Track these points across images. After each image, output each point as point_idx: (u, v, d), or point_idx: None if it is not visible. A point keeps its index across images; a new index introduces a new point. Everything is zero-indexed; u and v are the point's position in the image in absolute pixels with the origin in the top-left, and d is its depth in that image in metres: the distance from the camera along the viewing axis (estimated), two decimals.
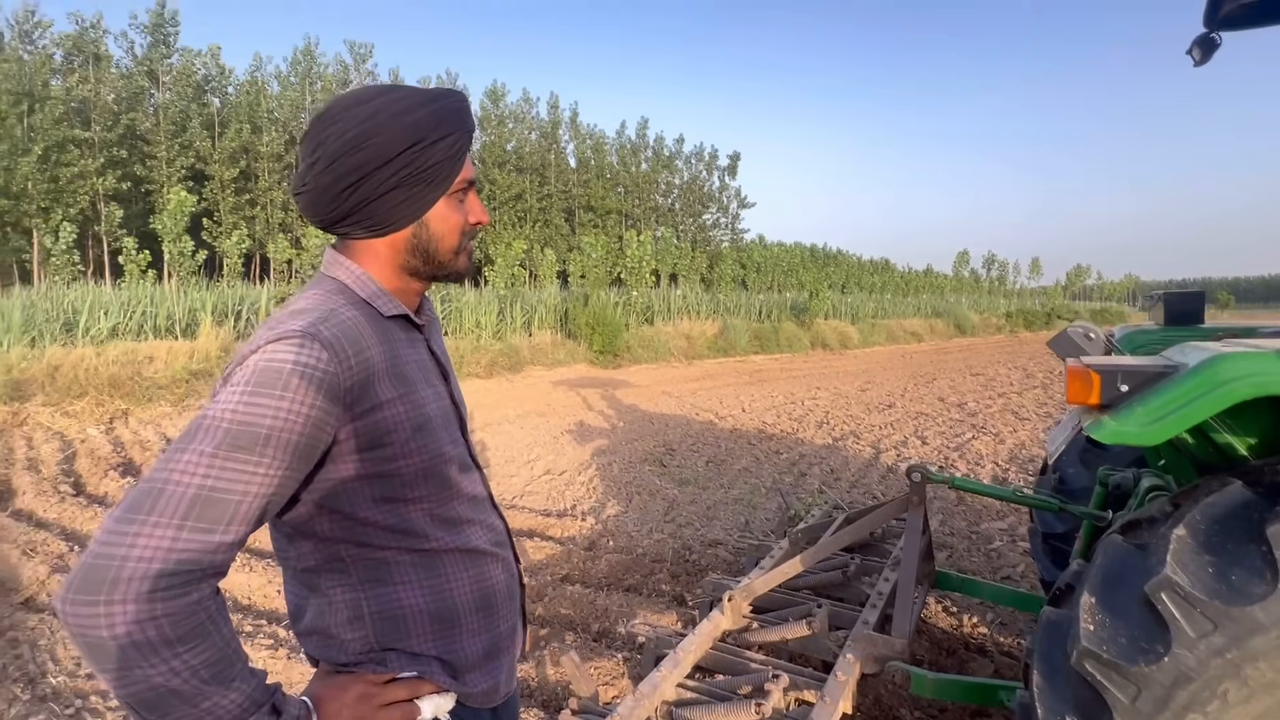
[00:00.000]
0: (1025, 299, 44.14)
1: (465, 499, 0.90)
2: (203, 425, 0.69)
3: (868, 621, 2.09)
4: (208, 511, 0.66)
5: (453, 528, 0.87)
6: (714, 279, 24.24)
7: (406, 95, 0.84)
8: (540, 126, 25.22)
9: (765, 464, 5.98)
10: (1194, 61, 2.12)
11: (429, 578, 0.85)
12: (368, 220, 0.84)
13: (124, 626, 0.61)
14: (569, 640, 2.83)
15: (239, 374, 0.72)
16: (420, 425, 0.82)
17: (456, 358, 12.15)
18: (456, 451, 0.89)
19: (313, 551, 0.82)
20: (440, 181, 0.85)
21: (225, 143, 17.96)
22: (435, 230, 0.87)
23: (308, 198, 0.84)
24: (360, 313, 0.82)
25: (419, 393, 0.84)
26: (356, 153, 0.80)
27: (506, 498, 5.07)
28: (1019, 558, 3.71)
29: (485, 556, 0.91)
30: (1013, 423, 7.74)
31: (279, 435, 0.69)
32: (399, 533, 0.83)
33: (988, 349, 21.80)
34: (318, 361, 0.73)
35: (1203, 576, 1.07)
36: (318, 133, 0.82)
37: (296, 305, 0.80)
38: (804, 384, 11.83)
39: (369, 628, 0.83)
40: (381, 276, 0.87)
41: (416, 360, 0.88)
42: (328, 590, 0.83)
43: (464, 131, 0.87)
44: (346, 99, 0.83)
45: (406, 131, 0.81)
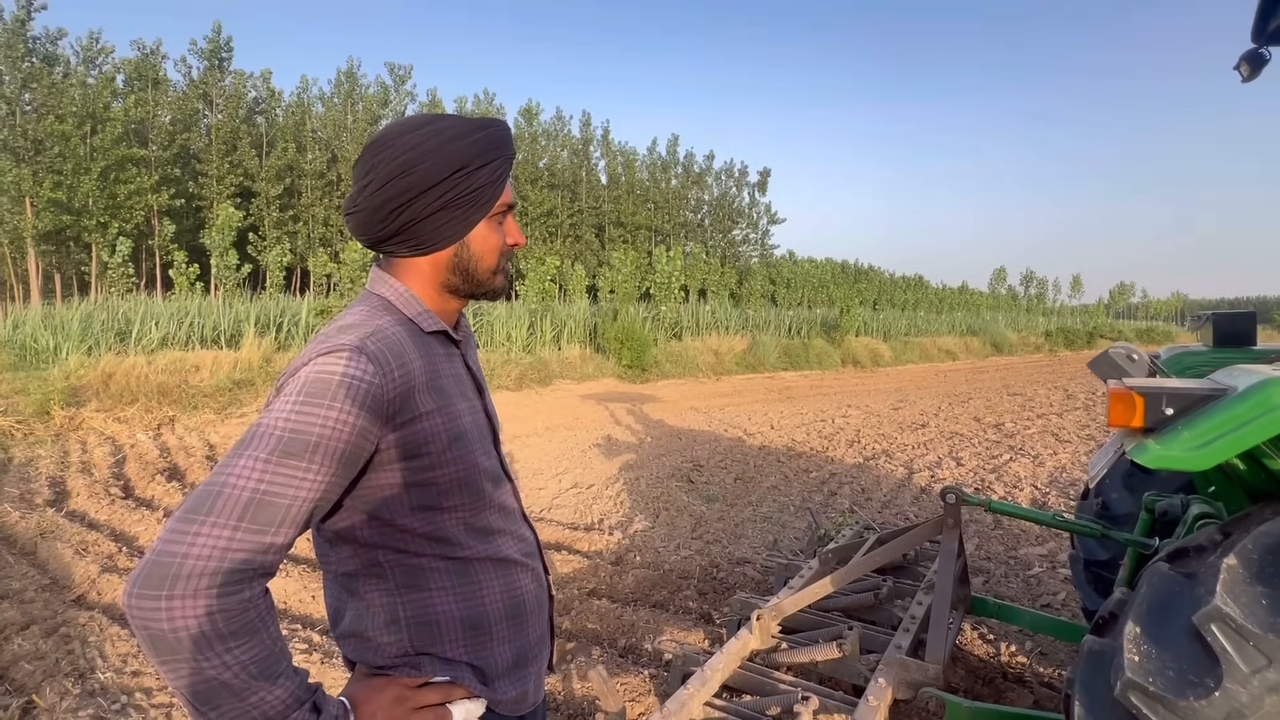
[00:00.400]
0: (1066, 317, 42.85)
1: (497, 509, 0.93)
2: (258, 432, 0.73)
3: (900, 646, 2.05)
4: (261, 514, 0.69)
5: (485, 537, 0.90)
6: (743, 295, 24.17)
7: (453, 124, 0.89)
8: (572, 144, 25.65)
9: (794, 482, 5.90)
10: (1242, 77, 2.07)
11: (462, 585, 0.88)
12: (413, 240, 0.89)
13: (183, 620, 0.65)
14: (596, 655, 2.83)
15: (291, 385, 0.77)
16: (456, 437, 0.86)
17: (487, 370, 12.34)
18: (489, 463, 0.92)
19: (352, 556, 0.86)
20: (482, 205, 0.90)
21: (272, 161, 18.72)
22: (475, 250, 0.92)
23: (358, 218, 0.89)
24: (403, 329, 0.86)
25: (455, 406, 0.88)
26: (405, 177, 0.85)
27: (534, 510, 5.11)
28: (1060, 585, 3.58)
29: (516, 566, 0.94)
30: (1053, 445, 7.49)
31: (327, 443, 0.73)
32: (434, 540, 0.86)
33: (1026, 368, 21.19)
34: (364, 374, 0.77)
35: (1256, 609, 1.03)
36: (370, 158, 0.87)
37: (344, 320, 0.85)
38: (834, 402, 11.66)
39: (405, 632, 0.86)
40: (423, 294, 0.92)
41: (453, 374, 0.92)
42: (366, 594, 0.87)
43: (505, 158, 0.92)
44: (397, 127, 0.89)
45: (452, 158, 0.86)
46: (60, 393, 8.01)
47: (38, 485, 5.46)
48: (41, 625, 3.09)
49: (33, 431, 7.19)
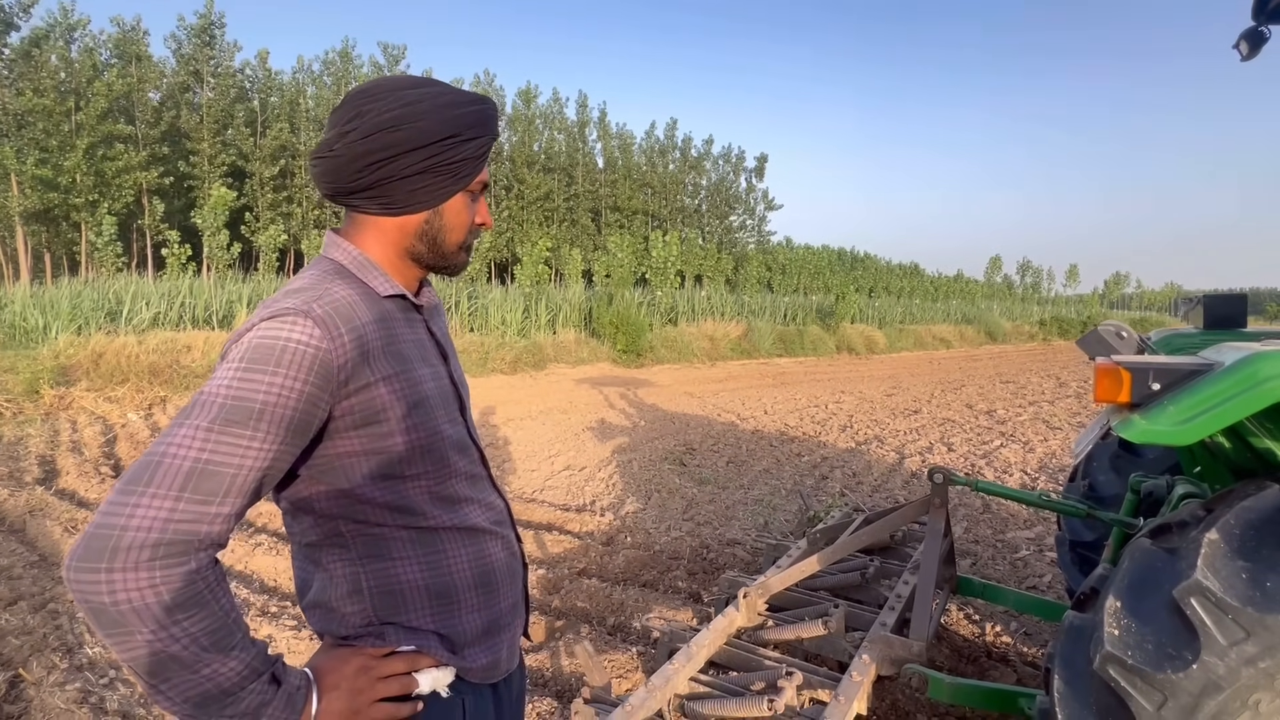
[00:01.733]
0: (1060, 307, 42.96)
1: (464, 478, 0.91)
2: (199, 400, 0.71)
3: (885, 624, 2.06)
4: (204, 484, 0.68)
5: (451, 506, 0.89)
6: (739, 281, 24.10)
7: (449, 91, 0.88)
8: (568, 127, 25.37)
9: (786, 466, 5.92)
10: (1241, 56, 2.05)
11: (427, 554, 0.87)
12: (384, 198, 0.86)
13: (124, 593, 0.63)
14: (584, 632, 2.85)
15: (234, 351, 0.74)
16: (416, 403, 0.84)
17: (481, 353, 12.30)
18: (454, 430, 0.90)
19: (313, 526, 0.84)
20: (463, 177, 0.89)
21: (268, 142, 18.46)
22: (448, 221, 0.90)
23: (330, 163, 0.85)
24: (355, 291, 0.83)
25: (415, 371, 0.86)
26: (395, 131, 0.82)
27: (527, 492, 5.12)
28: (1046, 568, 3.61)
29: (485, 535, 0.92)
30: (1043, 431, 7.54)
31: (272, 410, 0.71)
32: (396, 510, 0.84)
33: (1019, 356, 21.27)
34: (309, 338, 0.74)
35: (1235, 582, 1.04)
36: (357, 105, 0.84)
37: (293, 285, 0.83)
38: (828, 388, 11.69)
39: (368, 602, 0.85)
40: (382, 257, 0.89)
41: (414, 339, 0.89)
42: (329, 565, 0.85)
43: (491, 136, 0.91)
44: (392, 81, 0.86)
45: (446, 123, 0.85)
46: (50, 372, 7.95)
47: (27, 464, 5.43)
48: (30, 601, 3.08)
49: (22, 410, 7.14)
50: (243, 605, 3.10)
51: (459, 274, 0.98)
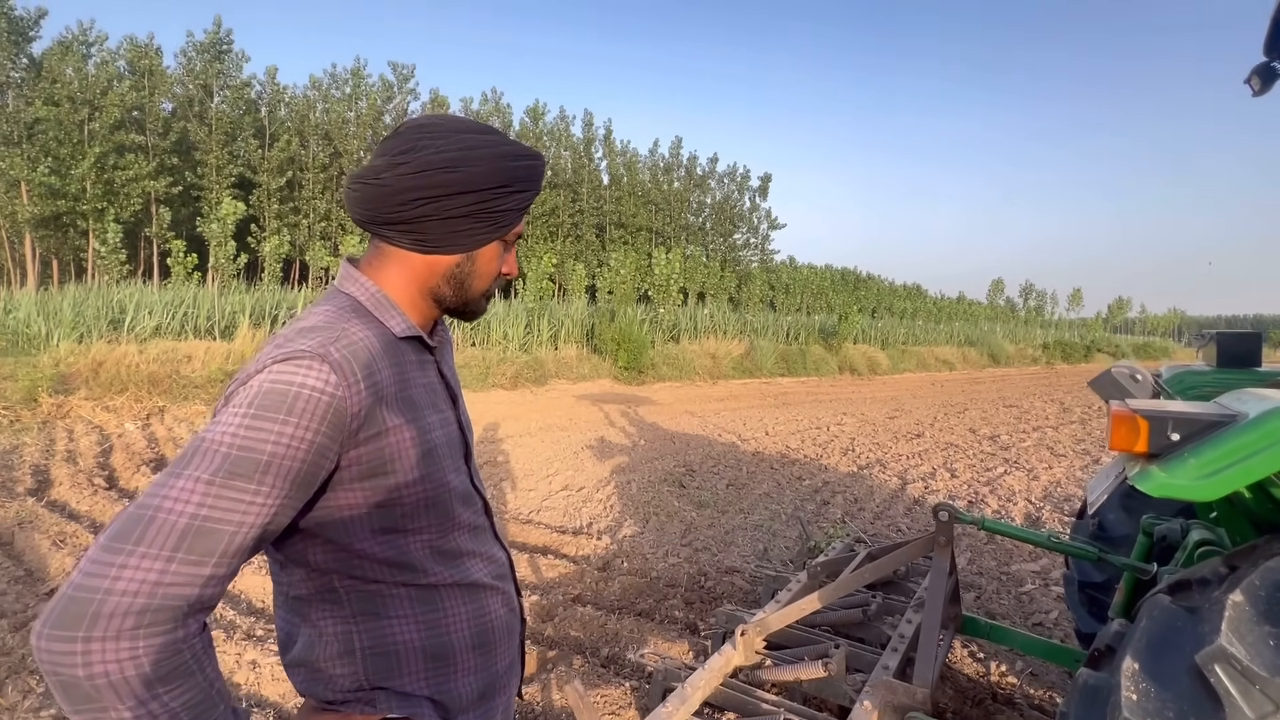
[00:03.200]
0: (1063, 330, 42.84)
1: (466, 530, 0.86)
2: (200, 449, 0.66)
3: (888, 666, 1.99)
4: (200, 543, 0.62)
5: (452, 561, 0.84)
6: (742, 299, 24.10)
7: (507, 142, 0.87)
8: (574, 145, 25.59)
9: (787, 490, 5.84)
10: (1253, 91, 2.01)
11: (426, 613, 0.82)
12: (421, 235, 0.83)
13: (101, 666, 0.57)
14: (577, 664, 2.77)
15: (242, 395, 0.69)
16: (425, 453, 0.80)
17: (482, 368, 12.27)
18: (459, 481, 0.86)
19: (305, 580, 0.79)
20: (503, 226, 0.88)
21: (275, 153, 18.65)
22: (479, 268, 0.88)
23: (373, 190, 0.82)
24: (372, 332, 0.79)
25: (426, 419, 0.82)
26: (450, 173, 0.81)
27: (523, 513, 5.04)
28: (1052, 603, 3.52)
29: (485, 591, 0.87)
30: (1048, 459, 7.44)
31: (280, 462, 0.66)
32: (396, 566, 0.79)
33: (1022, 380, 21.16)
34: (325, 385, 0.70)
35: (1263, 650, 0.97)
36: (413, 138, 0.82)
37: (306, 322, 0.78)
38: (830, 409, 11.61)
39: (360, 663, 0.79)
40: (402, 294, 0.85)
41: (425, 384, 0.85)
42: (318, 621, 0.80)
43: (536, 192, 0.91)
44: (453, 122, 0.85)
45: (500, 172, 0.84)
46: (49, 379, 7.93)
47: (20, 473, 5.38)
48: (11, 619, 3.01)
49: (19, 418, 7.11)
50: (228, 627, 3.03)
51: (475, 319, 0.95)
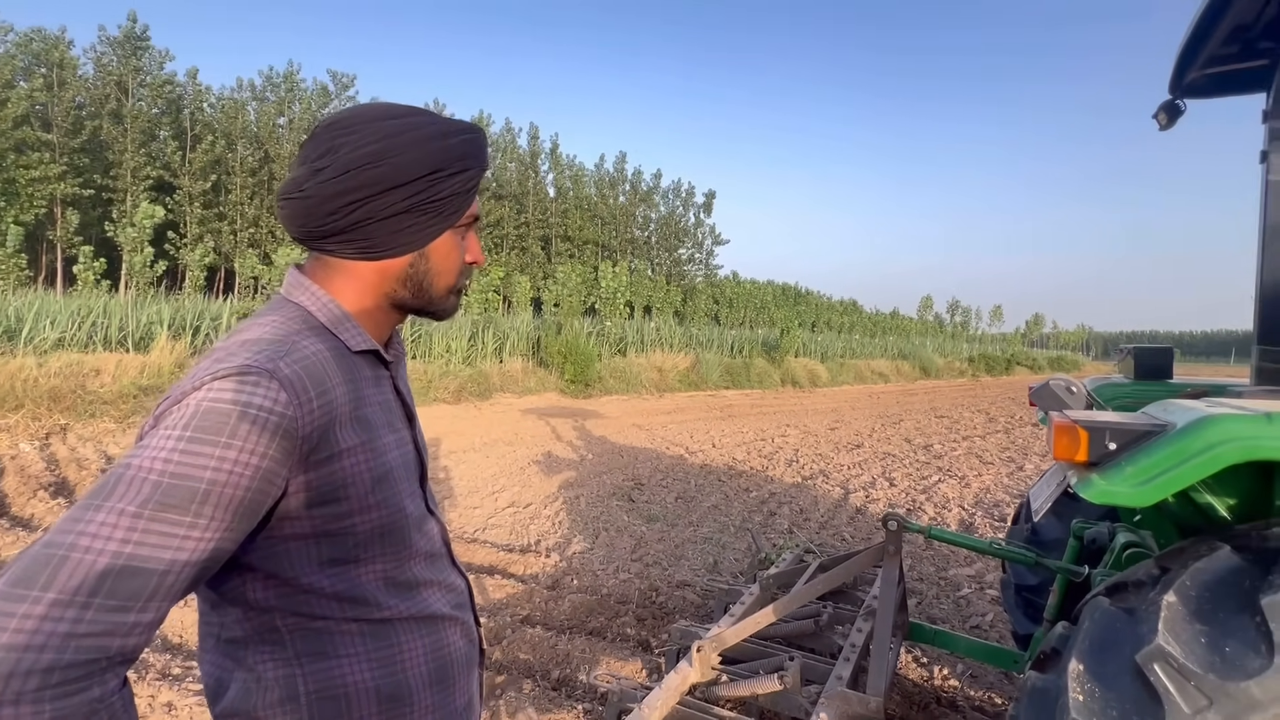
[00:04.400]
0: (987, 344, 45.54)
1: (422, 559, 0.80)
2: (124, 477, 0.57)
3: (841, 677, 2.01)
4: (124, 585, 0.54)
5: (408, 592, 0.78)
6: (688, 313, 24.41)
7: (432, 121, 0.79)
8: (520, 156, 25.43)
9: (734, 501, 5.90)
10: (1159, 126, 2.19)
11: (379, 650, 0.75)
12: (364, 241, 0.76)
13: None
14: (527, 689, 2.67)
15: (175, 415, 0.61)
16: (381, 477, 0.73)
17: (424, 382, 11.89)
18: (416, 506, 0.80)
19: (241, 620, 0.71)
20: (450, 214, 0.80)
21: (199, 156, 17.62)
22: (435, 264, 0.81)
23: (300, 205, 0.74)
24: (325, 345, 0.73)
25: (381, 440, 0.76)
26: (373, 168, 0.73)
27: (468, 531, 4.88)
28: (988, 606, 3.67)
29: (444, 622, 0.81)
30: (977, 467, 7.83)
31: (220, 491, 0.59)
32: (346, 600, 0.72)
33: (952, 391, 22.29)
34: (274, 404, 0.63)
35: (1196, 648, 1.03)
36: (330, 139, 0.74)
37: (250, 334, 0.70)
38: (774, 421, 11.86)
39: (304, 710, 0.71)
40: (356, 305, 0.78)
41: (381, 401, 0.79)
42: (256, 665, 0.71)
43: (480, 168, 0.83)
44: (368, 111, 0.77)
45: (430, 157, 0.76)
46: None
47: None
48: None
49: None
50: (140, 666, 2.77)
51: (448, 318, 0.88)
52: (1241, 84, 2.06)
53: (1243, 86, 2.06)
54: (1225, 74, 2.04)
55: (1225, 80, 2.08)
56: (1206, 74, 2.05)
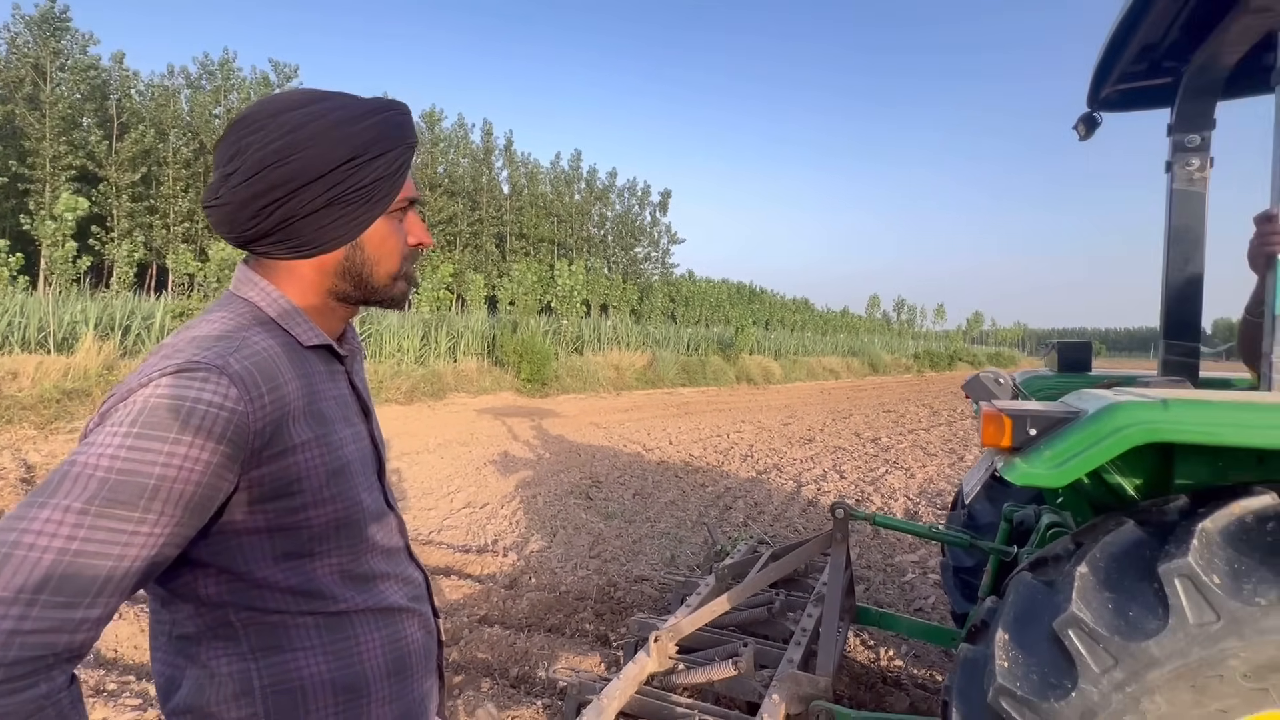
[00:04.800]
0: (931, 341, 47.42)
1: (380, 552, 0.81)
2: (70, 474, 0.57)
3: (792, 660, 2.09)
4: (70, 582, 0.54)
5: (364, 585, 0.78)
6: (644, 311, 24.53)
7: (342, 105, 0.76)
8: (473, 152, 25.01)
9: (691, 497, 5.99)
10: (1079, 136, 2.36)
11: (335, 642, 0.75)
12: (292, 240, 0.75)
13: None
14: (485, 688, 2.67)
15: (121, 412, 0.61)
16: (336, 471, 0.74)
17: (375, 382, 11.58)
18: (372, 499, 0.80)
19: (193, 616, 0.71)
20: (379, 200, 0.77)
21: (128, 145, 16.62)
22: (372, 253, 0.79)
23: (222, 213, 0.74)
24: (276, 341, 0.73)
25: (337, 433, 0.76)
26: (282, 166, 0.71)
27: (423, 533, 4.80)
28: (930, 589, 3.86)
29: (401, 614, 0.82)
30: (922, 458, 8.17)
31: (169, 487, 0.59)
32: (302, 594, 0.73)
33: (898, 387, 23.12)
34: (223, 400, 0.63)
35: (1104, 614, 1.13)
36: (236, 140, 0.73)
37: (199, 330, 0.70)
38: (729, 417, 12.06)
39: (259, 704, 0.71)
40: (303, 300, 0.78)
41: (336, 395, 0.79)
42: (209, 661, 0.71)
43: (406, 146, 0.79)
44: (272, 104, 0.75)
45: (341, 145, 0.73)
46: None
47: None
48: None
49: None
50: None
51: (401, 305, 0.86)
52: (1150, 99, 2.23)
53: (1151, 102, 2.24)
54: (1136, 90, 2.21)
55: (1136, 96, 2.25)
56: (1119, 89, 2.22)
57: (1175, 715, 1.07)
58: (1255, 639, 1.01)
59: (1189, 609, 1.05)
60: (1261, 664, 1.01)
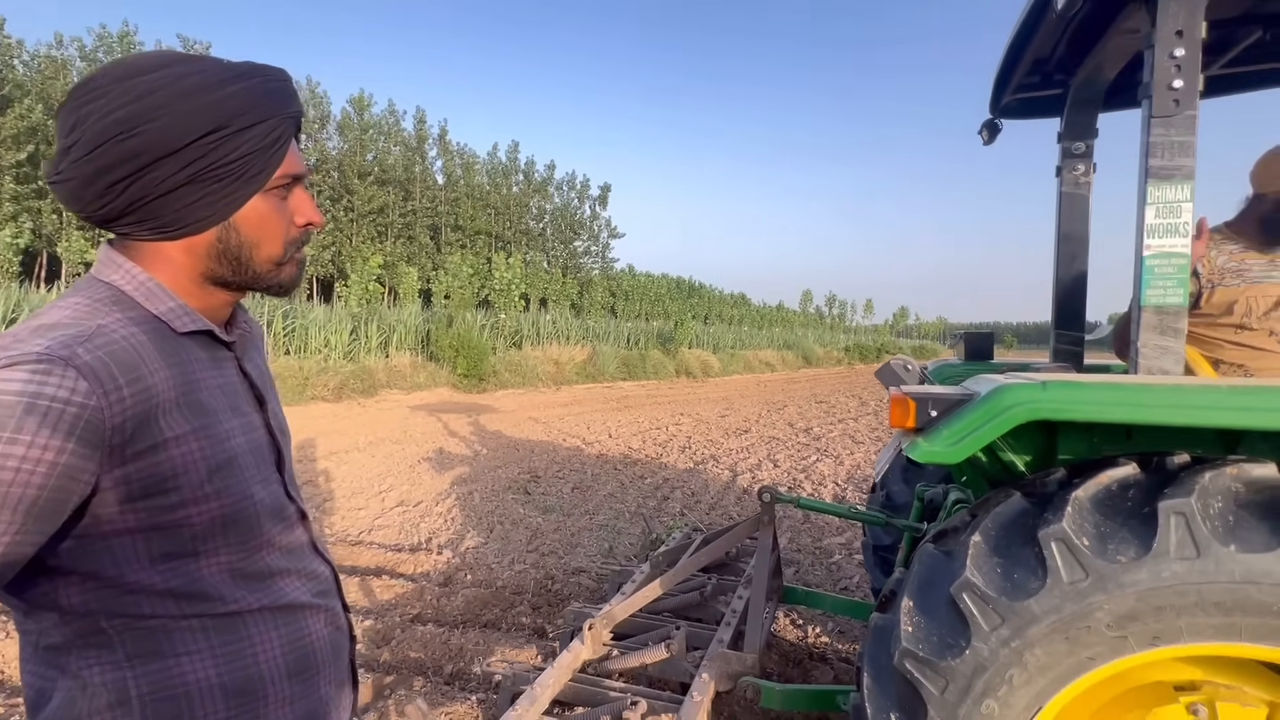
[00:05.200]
0: (860, 335, 49.52)
1: (278, 548, 0.77)
2: None
3: (722, 640, 2.16)
4: None
5: (260, 583, 0.74)
6: (584, 306, 24.44)
7: (203, 69, 0.68)
8: (405, 140, 24.12)
9: (630, 489, 6.04)
10: (983, 141, 2.53)
11: (225, 644, 0.71)
12: (151, 221, 0.68)
13: None
14: (418, 686, 2.62)
15: None
16: (221, 464, 0.69)
17: (300, 379, 11.05)
18: (268, 493, 0.76)
19: (59, 625, 0.66)
20: (252, 177, 0.70)
21: (10, 121, 15.07)
22: (249, 235, 0.73)
23: (66, 190, 0.67)
24: (142, 328, 0.67)
25: (221, 425, 0.71)
26: (128, 139, 0.64)
27: (352, 534, 4.64)
28: (855, 569, 4.06)
29: (304, 611, 0.79)
30: (850, 446, 8.55)
31: (9, 490, 0.55)
32: (185, 597, 0.68)
33: (830, 379, 24.05)
34: (70, 394, 0.58)
35: (993, 577, 1.24)
36: (77, 106, 0.65)
37: (47, 318, 0.63)
38: (668, 410, 12.21)
39: (137, 713, 0.66)
40: (175, 284, 0.72)
41: (221, 384, 0.74)
42: (81, 671, 0.66)
43: (284, 116, 0.72)
44: (120, 67, 0.66)
45: (200, 115, 0.66)
46: None
47: None
48: None
49: None
50: None
51: (289, 292, 0.80)
52: (1044, 109, 2.42)
53: (1045, 111, 2.43)
54: (1031, 99, 2.39)
55: (1032, 105, 2.43)
56: (1017, 98, 2.40)
57: (1052, 664, 1.19)
58: (1117, 592, 1.14)
59: (1063, 569, 1.17)
60: (1122, 614, 1.14)
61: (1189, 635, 1.12)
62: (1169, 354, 1.41)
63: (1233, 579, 1.07)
